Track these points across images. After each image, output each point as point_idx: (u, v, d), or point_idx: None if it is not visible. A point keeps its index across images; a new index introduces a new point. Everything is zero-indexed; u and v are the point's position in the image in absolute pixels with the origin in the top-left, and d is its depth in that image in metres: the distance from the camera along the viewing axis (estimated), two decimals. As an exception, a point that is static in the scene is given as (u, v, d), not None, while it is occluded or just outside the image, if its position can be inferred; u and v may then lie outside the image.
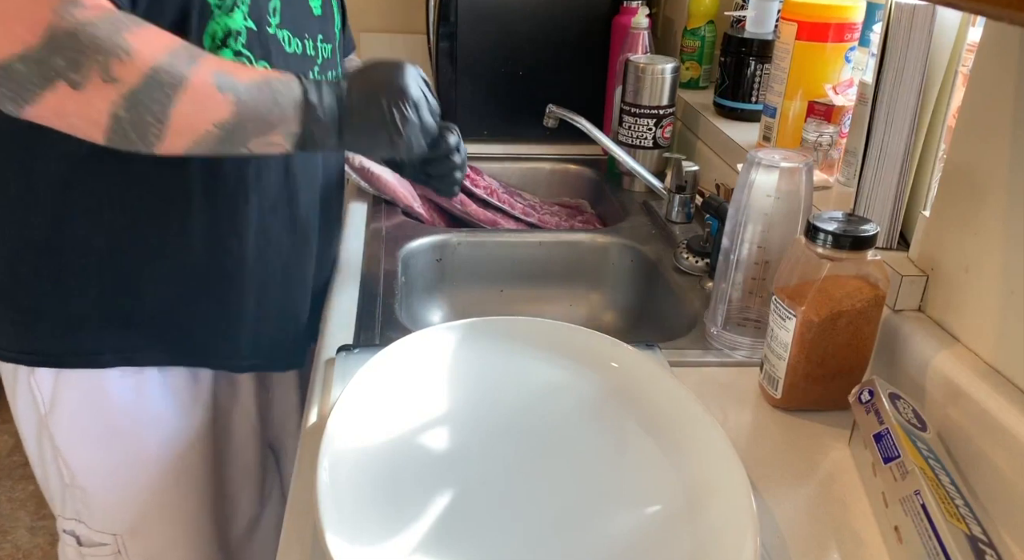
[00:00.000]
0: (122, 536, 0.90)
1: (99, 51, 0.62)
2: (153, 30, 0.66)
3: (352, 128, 0.73)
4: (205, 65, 0.67)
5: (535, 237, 1.19)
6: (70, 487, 0.89)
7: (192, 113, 0.66)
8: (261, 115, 0.69)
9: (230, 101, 0.67)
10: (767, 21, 1.25)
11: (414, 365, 0.74)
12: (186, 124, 0.67)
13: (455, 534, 0.59)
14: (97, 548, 0.91)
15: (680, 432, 0.68)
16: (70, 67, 0.62)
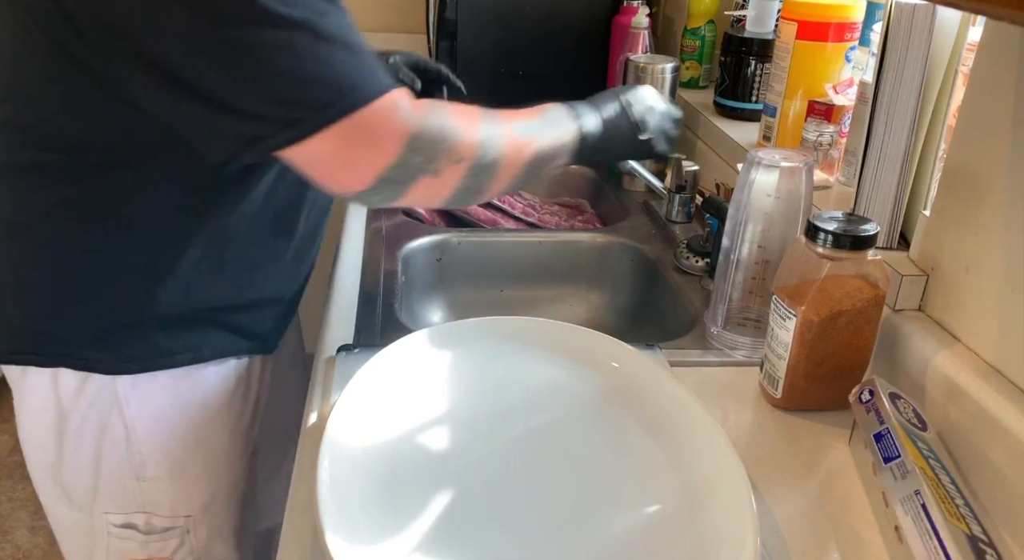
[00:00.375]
0: (193, 517, 0.95)
1: (443, 141, 0.74)
2: (454, 105, 0.78)
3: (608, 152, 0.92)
4: (506, 120, 0.81)
5: (535, 237, 1.18)
6: (141, 481, 0.92)
7: (509, 167, 0.80)
8: (552, 146, 0.83)
9: (532, 147, 0.81)
10: (767, 20, 1.24)
11: (414, 365, 0.74)
12: (505, 176, 0.80)
13: (455, 534, 0.59)
14: (163, 534, 0.94)
15: (680, 432, 0.68)
16: (427, 162, 0.73)
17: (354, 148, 0.70)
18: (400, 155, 0.71)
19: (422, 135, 0.72)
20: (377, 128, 0.70)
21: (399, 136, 0.71)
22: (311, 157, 0.71)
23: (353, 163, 0.72)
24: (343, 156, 0.71)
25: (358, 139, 0.70)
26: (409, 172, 0.73)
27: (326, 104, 0.68)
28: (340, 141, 0.70)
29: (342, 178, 0.73)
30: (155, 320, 0.86)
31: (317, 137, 0.68)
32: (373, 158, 0.71)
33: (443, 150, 0.73)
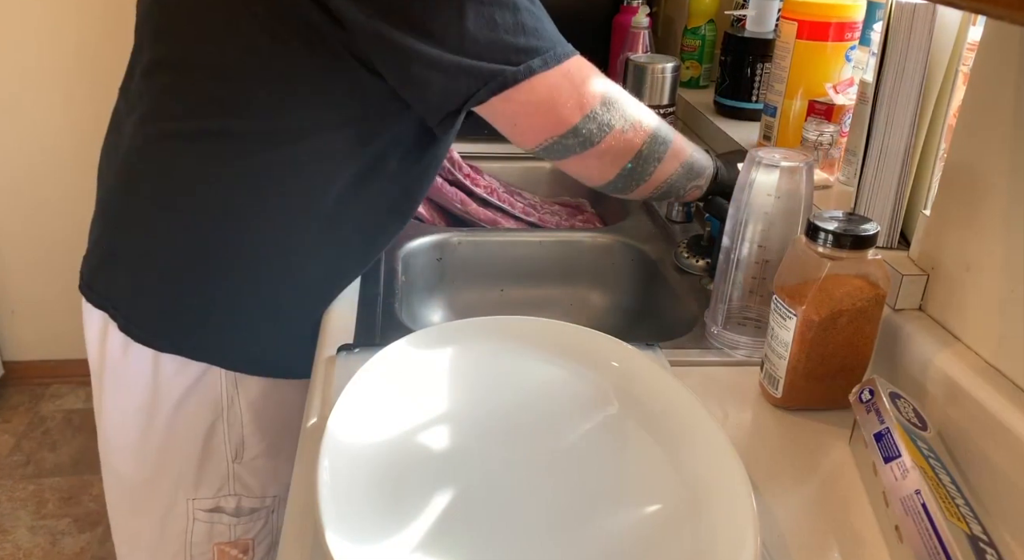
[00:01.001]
0: (279, 496, 0.99)
1: (631, 106, 0.85)
2: None
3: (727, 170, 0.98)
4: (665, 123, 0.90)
5: (535, 236, 1.18)
6: (238, 462, 0.95)
7: (671, 161, 0.89)
8: (689, 174, 0.92)
9: (687, 152, 0.91)
10: (767, 20, 1.24)
11: (414, 365, 0.74)
12: (665, 170, 0.89)
13: (455, 533, 0.59)
14: (251, 515, 0.98)
15: (680, 432, 0.68)
16: (619, 118, 0.84)
17: (562, 94, 0.80)
18: (598, 105, 0.82)
19: (616, 95, 0.83)
20: (584, 79, 0.81)
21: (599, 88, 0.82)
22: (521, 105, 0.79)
23: (555, 110, 0.80)
24: (546, 105, 0.80)
25: (568, 85, 0.80)
26: (601, 123, 0.82)
27: (544, 50, 0.78)
28: (552, 87, 0.79)
29: (540, 127, 0.82)
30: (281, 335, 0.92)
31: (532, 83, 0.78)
32: (574, 107, 0.80)
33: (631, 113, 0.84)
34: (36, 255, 2.23)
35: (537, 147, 0.83)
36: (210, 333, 0.89)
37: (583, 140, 0.82)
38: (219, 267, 0.86)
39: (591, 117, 0.81)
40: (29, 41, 2.01)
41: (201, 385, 0.90)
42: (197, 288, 0.87)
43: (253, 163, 0.82)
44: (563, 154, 0.84)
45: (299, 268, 0.89)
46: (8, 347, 2.36)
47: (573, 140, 0.82)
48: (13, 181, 2.16)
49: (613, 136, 0.83)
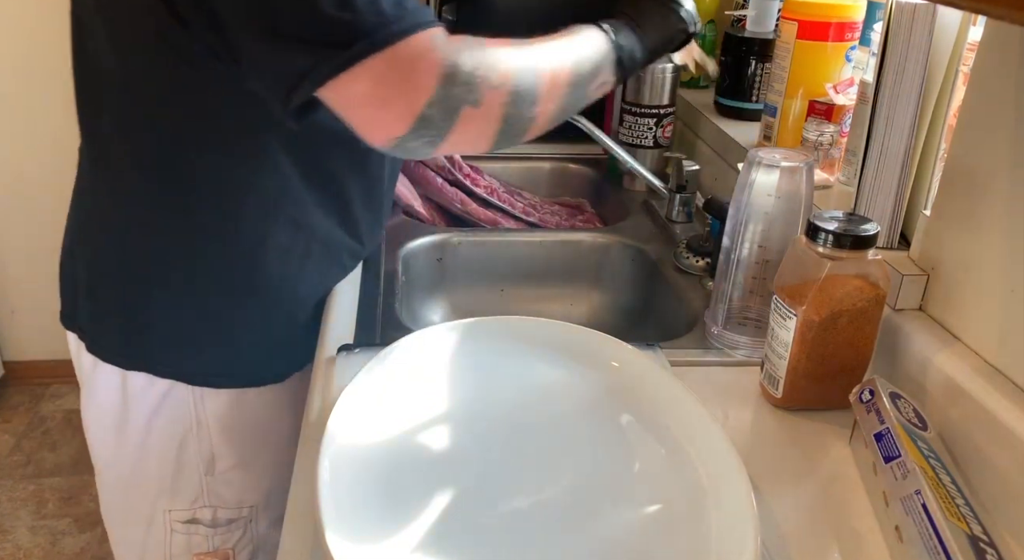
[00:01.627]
0: (256, 506, 0.98)
1: (480, 67, 0.71)
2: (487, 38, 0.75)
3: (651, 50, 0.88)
4: (539, 46, 0.78)
5: (535, 236, 1.18)
6: (210, 475, 0.94)
7: (551, 89, 0.77)
8: (593, 65, 0.81)
9: (569, 65, 0.79)
10: (768, 20, 1.24)
11: (414, 365, 0.74)
12: (550, 99, 0.77)
13: (455, 533, 0.59)
14: (228, 526, 0.97)
15: (680, 432, 0.68)
16: (467, 92, 0.71)
17: (390, 85, 0.69)
18: (438, 88, 0.69)
19: (459, 65, 0.70)
20: (414, 62, 0.69)
21: (435, 68, 0.69)
22: (349, 99, 0.69)
23: (390, 103, 0.69)
24: (379, 95, 0.69)
25: (395, 75, 0.68)
26: (450, 104, 0.71)
27: (365, 34, 0.67)
28: (377, 77, 0.68)
29: (381, 121, 0.71)
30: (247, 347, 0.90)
31: (354, 72, 0.67)
32: (410, 95, 0.69)
33: (481, 77, 0.71)
34: (36, 255, 2.23)
35: (383, 147, 0.73)
36: (168, 349, 0.89)
37: (433, 134, 0.72)
38: (162, 283, 0.86)
39: (433, 103, 0.70)
40: (29, 41, 2.01)
41: (168, 401, 0.90)
42: (146, 306, 0.87)
43: (172, 178, 0.82)
44: (416, 152, 0.75)
45: (243, 279, 0.87)
46: (8, 347, 2.36)
47: (417, 140, 0.72)
48: (13, 181, 2.16)
49: (466, 115, 0.72)
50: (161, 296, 0.86)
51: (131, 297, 0.88)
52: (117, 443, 0.94)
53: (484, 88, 0.72)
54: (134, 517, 0.97)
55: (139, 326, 0.88)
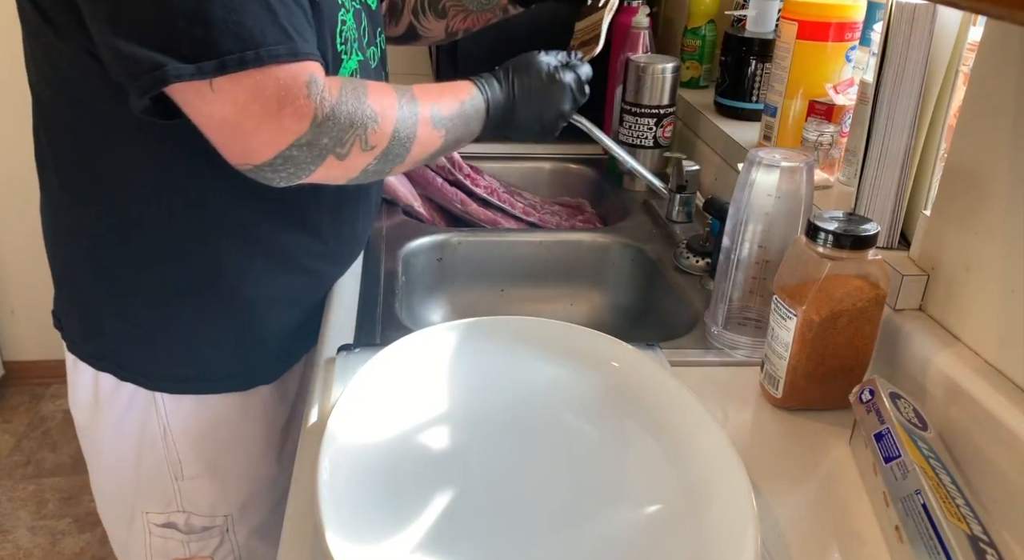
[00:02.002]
0: (231, 516, 0.97)
1: (355, 125, 0.72)
2: (375, 86, 0.75)
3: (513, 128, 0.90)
4: (423, 109, 0.79)
5: (535, 237, 1.18)
6: (179, 480, 0.94)
7: (418, 153, 0.80)
8: (458, 138, 0.84)
9: (442, 135, 0.81)
10: (768, 20, 1.24)
11: (414, 365, 0.74)
12: (412, 161, 0.80)
13: (455, 533, 0.59)
14: (203, 533, 0.97)
15: (680, 432, 0.68)
16: (336, 143, 0.71)
17: (255, 116, 0.67)
18: (307, 133, 0.69)
19: (335, 117, 0.70)
20: (285, 98, 0.67)
21: (308, 113, 0.68)
22: (210, 117, 0.68)
23: (254, 133, 0.68)
24: (242, 122, 0.67)
25: (258, 106, 0.67)
26: (315, 152, 0.70)
27: (225, 52, 0.64)
28: (240, 103, 0.66)
29: (242, 146, 0.69)
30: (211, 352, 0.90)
31: (212, 92, 0.65)
32: (277, 131, 0.68)
33: (354, 136, 0.72)
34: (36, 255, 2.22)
35: (239, 169, 0.71)
36: (123, 351, 0.89)
37: (291, 172, 0.71)
38: (112, 285, 0.86)
39: (300, 146, 0.69)
40: (29, 41, 2.01)
41: (135, 404, 0.90)
42: (100, 308, 0.87)
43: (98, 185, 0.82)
44: (269, 181, 0.72)
45: (188, 285, 0.86)
46: (8, 347, 2.36)
47: (274, 173, 0.71)
48: (13, 181, 2.15)
49: (329, 162, 0.72)
50: (112, 298, 0.86)
51: (86, 298, 0.88)
52: (93, 441, 0.95)
53: (354, 145, 0.73)
54: (117, 516, 0.99)
55: (97, 327, 0.89)
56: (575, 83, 0.92)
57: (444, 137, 0.81)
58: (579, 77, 0.93)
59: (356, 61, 0.84)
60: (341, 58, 0.81)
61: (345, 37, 0.81)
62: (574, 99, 0.93)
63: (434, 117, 0.79)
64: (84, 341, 0.90)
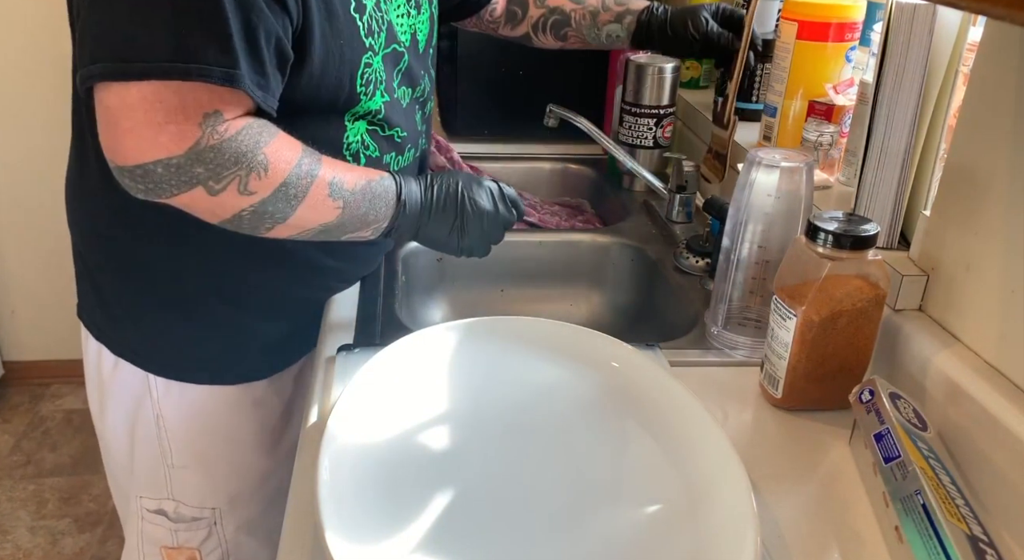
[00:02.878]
0: (219, 509, 0.97)
1: (239, 165, 0.69)
2: (284, 140, 0.73)
3: (425, 233, 0.84)
4: (323, 174, 0.75)
5: (535, 237, 1.18)
6: (170, 468, 0.95)
7: (305, 217, 0.75)
8: (360, 217, 0.79)
9: (339, 207, 0.76)
10: (768, 20, 1.24)
11: (414, 365, 0.74)
12: (297, 225, 0.76)
13: (455, 533, 0.59)
14: (191, 523, 0.98)
15: (680, 432, 0.68)
16: (211, 177, 0.69)
17: (135, 119, 0.66)
18: (181, 156, 0.67)
19: (219, 151, 0.68)
20: (172, 115, 0.66)
21: (190, 138, 0.67)
22: (99, 103, 0.67)
23: (127, 133, 0.67)
24: (120, 120, 0.66)
25: (144, 111, 0.66)
26: (183, 177, 0.68)
27: (156, 58, 0.64)
28: (127, 101, 0.66)
29: (112, 142, 0.68)
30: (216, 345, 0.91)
31: (103, 88, 0.66)
32: (149, 141, 0.67)
33: (234, 175, 0.70)
34: (36, 255, 2.23)
35: (110, 165, 0.70)
36: (118, 327, 0.91)
37: (150, 187, 0.69)
38: (118, 262, 0.88)
39: (165, 165, 0.67)
40: (29, 40, 2.01)
41: (131, 385, 0.92)
42: (106, 285, 0.90)
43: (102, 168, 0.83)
44: (133, 191, 0.71)
45: (191, 275, 0.87)
46: (8, 347, 2.36)
47: (133, 182, 0.69)
48: (13, 181, 2.15)
49: (198, 194, 0.70)
50: (115, 278, 0.89)
51: (91, 268, 0.91)
52: (99, 421, 0.98)
53: (231, 186, 0.70)
54: (119, 494, 1.01)
55: (99, 301, 0.91)
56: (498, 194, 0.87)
57: (342, 210, 0.77)
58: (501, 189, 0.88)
59: (381, 102, 0.84)
60: (360, 98, 0.82)
61: (367, 79, 0.82)
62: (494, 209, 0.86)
63: (333, 184, 0.75)
64: (90, 308, 0.93)
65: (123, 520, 1.04)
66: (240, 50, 0.66)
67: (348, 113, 0.83)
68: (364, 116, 0.84)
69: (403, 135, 0.90)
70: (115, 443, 0.97)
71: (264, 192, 0.72)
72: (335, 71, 0.77)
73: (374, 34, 0.81)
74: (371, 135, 0.86)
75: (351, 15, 0.78)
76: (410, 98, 0.92)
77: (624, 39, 1.10)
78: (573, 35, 1.11)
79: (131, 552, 1.01)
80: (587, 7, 1.09)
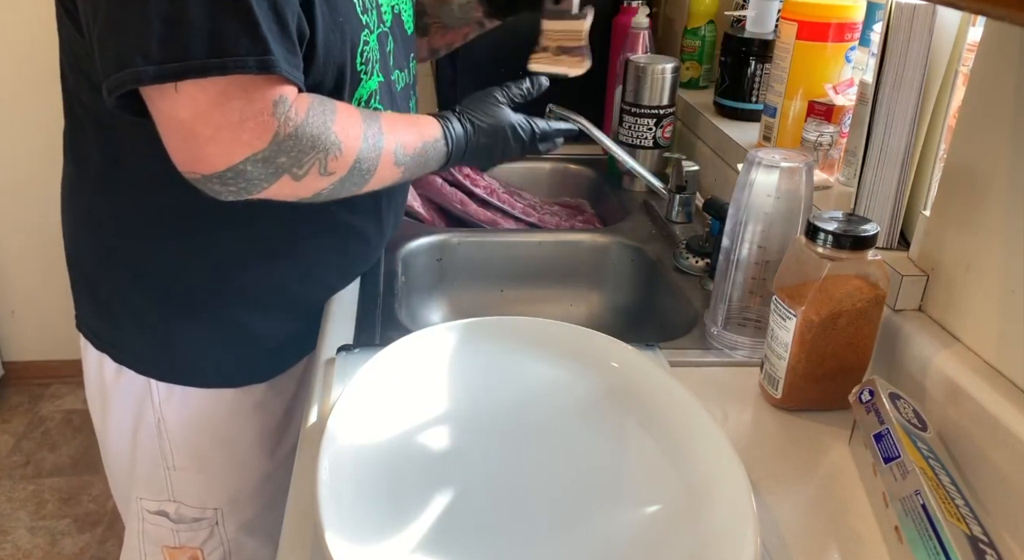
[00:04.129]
0: (220, 509, 0.98)
1: (317, 149, 0.72)
2: (344, 112, 0.75)
3: (467, 161, 0.92)
4: (388, 142, 0.79)
5: (535, 237, 1.18)
6: (170, 470, 0.95)
7: (374, 184, 0.80)
8: (416, 173, 0.85)
9: (401, 171, 0.82)
10: (767, 21, 1.24)
11: (414, 365, 0.74)
12: (367, 188, 0.80)
13: (455, 533, 0.59)
14: (192, 524, 0.98)
15: (680, 432, 0.68)
16: (294, 163, 0.71)
17: (214, 123, 0.66)
18: (266, 149, 0.68)
19: (297, 137, 0.69)
20: (247, 110, 0.66)
21: (270, 129, 0.67)
22: (169, 119, 0.67)
23: (209, 141, 0.67)
24: (199, 130, 0.66)
25: (220, 113, 0.66)
26: (270, 170, 0.69)
27: (191, 57, 0.64)
28: (199, 109, 0.65)
29: (194, 153, 0.68)
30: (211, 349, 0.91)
31: (179, 93, 0.65)
32: (234, 142, 0.67)
33: (314, 159, 0.71)
34: (36, 255, 2.23)
35: (186, 176, 0.70)
36: (123, 335, 0.91)
37: (242, 187, 0.70)
38: (118, 268, 0.88)
39: (256, 161, 0.68)
40: (29, 40, 2.01)
41: (132, 390, 0.92)
42: (100, 286, 0.90)
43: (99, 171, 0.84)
44: (216, 194, 0.71)
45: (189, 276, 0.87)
46: (8, 347, 2.36)
47: (223, 186, 0.70)
48: (13, 181, 2.15)
49: (284, 181, 0.71)
50: (116, 281, 0.89)
51: (89, 274, 0.91)
52: (99, 425, 0.98)
53: (312, 168, 0.71)
54: (120, 496, 1.02)
55: (101, 306, 0.91)
56: (527, 136, 0.96)
57: (403, 173, 0.83)
58: (533, 129, 0.96)
59: (377, 82, 0.85)
60: (360, 77, 0.82)
61: (366, 57, 0.82)
62: (522, 147, 0.96)
63: (397, 153, 0.80)
64: (89, 317, 0.93)
65: (124, 521, 1.04)
66: (269, 35, 0.66)
67: (353, 99, 0.83)
68: (366, 101, 0.85)
69: None
70: (116, 447, 0.97)
71: (342, 171, 0.75)
72: (338, 49, 0.78)
73: (368, 11, 0.82)
74: None
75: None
76: (404, 83, 0.93)
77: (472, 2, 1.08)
78: (433, 22, 1.09)
79: (131, 552, 1.01)
80: None
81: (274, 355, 0.96)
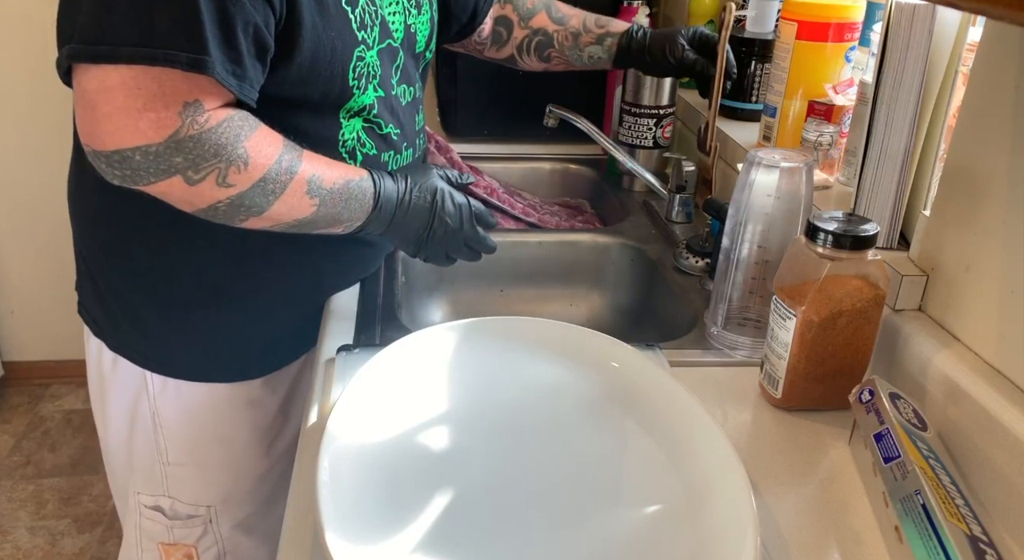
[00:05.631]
0: (214, 507, 0.98)
1: (220, 158, 0.70)
2: (264, 133, 0.73)
3: (391, 234, 0.86)
4: (303, 170, 0.76)
5: (535, 237, 1.18)
6: (166, 465, 0.96)
7: (281, 212, 0.76)
8: (334, 215, 0.80)
9: (315, 205, 0.77)
10: (767, 21, 1.24)
11: (414, 365, 0.74)
12: (271, 218, 0.76)
13: (455, 533, 0.59)
14: (186, 521, 0.98)
15: (680, 432, 0.68)
16: (189, 166, 0.69)
17: (115, 104, 0.66)
18: (160, 145, 0.67)
19: (199, 141, 0.68)
20: (152, 102, 0.66)
21: (169, 126, 0.67)
22: (78, 87, 0.68)
23: (105, 119, 0.67)
24: (99, 105, 0.66)
25: (124, 97, 0.66)
26: (162, 166, 0.68)
27: (124, 42, 0.65)
28: (106, 85, 0.66)
29: (90, 127, 0.68)
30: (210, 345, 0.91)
31: (95, 66, 0.66)
32: (128, 128, 0.66)
33: (214, 167, 0.70)
34: (36, 255, 2.23)
35: (86, 150, 0.70)
36: (120, 325, 0.92)
37: (128, 174, 0.69)
38: (115, 260, 0.89)
39: (144, 153, 0.67)
40: (28, 40, 2.01)
41: (129, 382, 0.93)
42: (104, 282, 0.91)
43: None
44: (109, 177, 0.71)
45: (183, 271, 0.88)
46: (8, 347, 2.36)
47: (110, 168, 0.69)
48: (13, 181, 2.15)
49: (175, 182, 0.70)
50: (117, 273, 0.89)
51: (89, 264, 0.92)
52: (99, 417, 0.99)
53: (209, 177, 0.70)
54: (118, 490, 1.02)
55: (98, 297, 0.92)
56: (464, 208, 0.88)
57: (317, 207, 0.78)
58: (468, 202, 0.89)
59: (373, 96, 0.85)
60: (352, 92, 0.82)
61: (360, 73, 0.82)
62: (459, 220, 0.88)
63: (312, 181, 0.76)
64: (90, 305, 0.94)
65: (121, 516, 1.04)
66: (212, 37, 0.66)
67: (343, 110, 0.83)
68: (359, 113, 0.85)
69: (398, 133, 0.90)
70: (114, 439, 0.98)
71: (243, 185, 0.72)
72: (327, 64, 0.77)
73: (367, 28, 0.82)
74: (367, 133, 0.86)
75: (343, 8, 0.78)
76: (411, 97, 0.92)
77: (606, 61, 1.10)
78: (556, 56, 1.12)
79: (130, 547, 1.01)
80: (569, 28, 1.10)
81: (270, 352, 0.96)
